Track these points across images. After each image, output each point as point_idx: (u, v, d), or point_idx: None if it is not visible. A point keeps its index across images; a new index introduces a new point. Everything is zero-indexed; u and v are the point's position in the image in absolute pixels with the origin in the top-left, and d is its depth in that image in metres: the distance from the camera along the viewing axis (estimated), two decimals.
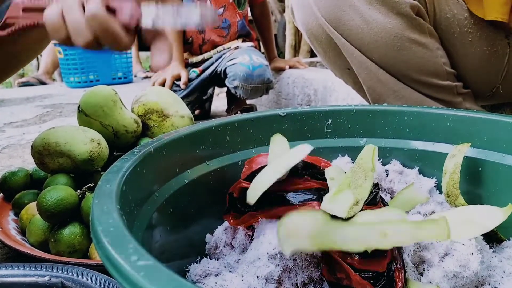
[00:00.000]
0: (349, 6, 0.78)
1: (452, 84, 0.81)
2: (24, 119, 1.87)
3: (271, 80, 1.66)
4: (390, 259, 0.40)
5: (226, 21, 1.75)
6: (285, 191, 0.44)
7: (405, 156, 0.59)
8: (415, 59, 0.79)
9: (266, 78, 1.63)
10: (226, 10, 1.74)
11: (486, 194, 0.53)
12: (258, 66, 1.62)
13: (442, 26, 0.81)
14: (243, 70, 1.60)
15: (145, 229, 0.40)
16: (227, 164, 0.55)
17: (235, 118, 0.57)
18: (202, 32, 1.76)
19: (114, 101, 0.77)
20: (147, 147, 0.44)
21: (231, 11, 1.73)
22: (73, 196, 0.63)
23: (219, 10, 1.74)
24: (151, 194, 0.44)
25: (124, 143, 0.80)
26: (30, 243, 0.67)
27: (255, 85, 1.61)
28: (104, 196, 0.33)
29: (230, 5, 1.72)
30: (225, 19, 1.75)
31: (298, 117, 0.60)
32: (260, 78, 1.61)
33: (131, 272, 0.24)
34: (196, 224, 0.51)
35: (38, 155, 0.70)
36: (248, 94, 1.63)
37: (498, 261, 0.44)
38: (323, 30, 0.84)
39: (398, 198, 0.53)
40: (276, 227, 0.43)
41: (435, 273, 0.41)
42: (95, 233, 0.28)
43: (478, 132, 0.54)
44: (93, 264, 0.57)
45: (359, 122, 0.61)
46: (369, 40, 0.79)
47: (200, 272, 0.44)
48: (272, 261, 0.40)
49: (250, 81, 1.60)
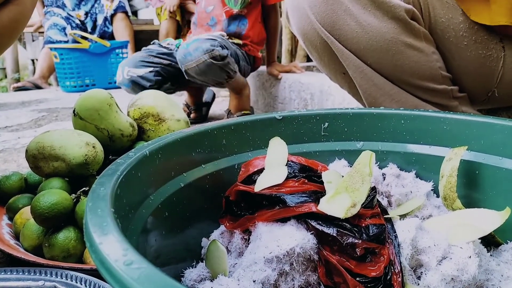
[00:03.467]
0: (344, 10, 0.78)
1: (448, 88, 0.82)
2: (20, 123, 1.86)
3: (216, 50, 1.50)
4: (388, 262, 0.40)
5: (213, 19, 1.76)
6: (282, 194, 0.44)
7: (402, 159, 0.59)
8: (410, 63, 0.79)
9: (206, 49, 1.49)
10: (215, 8, 1.74)
11: (483, 197, 0.53)
12: (192, 41, 1.54)
13: (438, 30, 0.81)
14: (180, 52, 1.55)
15: (140, 233, 0.39)
16: (223, 168, 0.55)
17: (232, 121, 0.56)
18: (195, 30, 1.77)
19: (110, 105, 0.76)
20: (142, 150, 0.44)
21: (218, 9, 1.74)
22: (67, 200, 0.63)
23: (209, 8, 1.75)
24: (146, 198, 0.43)
25: (120, 147, 0.79)
26: (24, 247, 0.66)
27: (196, 61, 1.51)
28: (98, 199, 0.33)
29: (219, 2, 1.73)
30: (212, 17, 1.75)
31: (295, 120, 0.60)
32: (198, 51, 1.49)
33: (125, 276, 0.23)
34: (192, 228, 0.51)
35: (33, 158, 0.69)
36: (199, 74, 1.53)
37: (496, 265, 0.44)
38: (318, 35, 0.84)
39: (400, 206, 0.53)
40: (273, 231, 0.42)
41: (432, 276, 0.40)
42: (89, 237, 0.28)
43: (475, 135, 0.54)
44: (88, 269, 0.56)
45: (355, 126, 0.61)
46: (364, 44, 0.79)
47: (195, 276, 0.44)
48: (269, 265, 0.40)
49: (189, 59, 1.52)
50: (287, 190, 0.45)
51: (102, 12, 3.26)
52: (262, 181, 0.47)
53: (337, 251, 0.41)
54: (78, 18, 3.22)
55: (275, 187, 0.45)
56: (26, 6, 0.68)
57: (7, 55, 3.73)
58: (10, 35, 0.71)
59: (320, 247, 0.41)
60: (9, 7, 0.58)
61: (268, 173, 0.48)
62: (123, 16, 3.28)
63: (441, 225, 0.45)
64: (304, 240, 0.41)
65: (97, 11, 3.26)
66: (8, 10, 0.49)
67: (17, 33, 0.73)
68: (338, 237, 0.40)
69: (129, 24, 3.30)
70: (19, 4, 0.65)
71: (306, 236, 0.41)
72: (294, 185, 0.46)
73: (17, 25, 0.70)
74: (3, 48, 0.74)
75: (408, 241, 0.42)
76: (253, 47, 1.80)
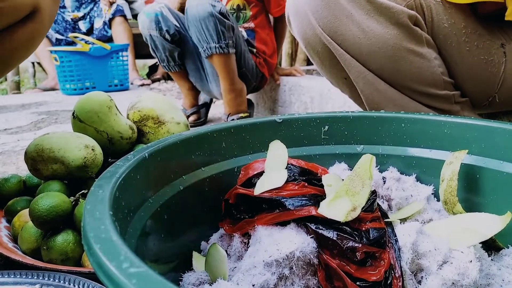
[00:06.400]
0: (346, 16, 0.78)
1: (450, 93, 0.82)
2: (19, 125, 1.86)
3: (220, 5, 1.54)
4: (388, 267, 0.40)
5: None
6: (282, 197, 0.44)
7: (402, 163, 0.59)
8: (412, 69, 0.79)
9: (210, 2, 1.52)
10: None
11: (484, 201, 0.53)
12: None
13: (440, 35, 0.81)
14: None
15: (138, 236, 0.39)
16: (223, 171, 0.54)
17: (231, 124, 0.56)
18: None
19: (109, 107, 0.76)
20: (141, 153, 0.43)
21: None
22: (66, 203, 0.63)
23: None
24: (145, 201, 0.43)
25: (119, 149, 0.79)
26: (22, 250, 0.66)
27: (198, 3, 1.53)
28: (97, 202, 0.32)
29: None
30: None
31: (295, 123, 0.60)
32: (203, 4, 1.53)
33: (123, 279, 0.23)
34: (191, 231, 0.50)
35: (32, 161, 0.69)
36: (197, 20, 1.55)
37: (497, 269, 0.44)
38: (320, 40, 0.84)
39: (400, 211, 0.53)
40: (272, 235, 0.42)
41: (433, 281, 0.40)
42: (86, 240, 0.28)
43: (476, 139, 0.53)
44: (86, 272, 0.56)
45: (356, 129, 0.61)
46: (366, 50, 0.79)
47: (194, 280, 0.43)
48: (268, 269, 0.40)
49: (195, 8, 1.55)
50: (287, 194, 0.45)
51: (101, 16, 3.27)
52: (262, 184, 0.47)
53: (337, 255, 0.40)
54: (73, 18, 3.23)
55: (275, 190, 0.45)
56: (44, 24, 0.68)
57: None
58: (26, 51, 0.71)
59: (320, 251, 0.41)
60: (27, 25, 0.58)
61: (268, 176, 0.48)
62: (122, 19, 3.28)
63: (441, 229, 0.45)
64: (304, 244, 0.40)
65: (96, 15, 3.27)
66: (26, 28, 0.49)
67: (33, 49, 0.74)
68: (338, 241, 0.40)
69: (128, 28, 3.30)
70: (38, 22, 0.66)
71: (306, 239, 0.41)
72: (294, 188, 0.46)
73: (34, 42, 0.71)
74: (16, 63, 0.74)
75: (408, 245, 0.42)
76: (264, 62, 1.80)
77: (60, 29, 3.22)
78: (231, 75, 1.65)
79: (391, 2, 0.76)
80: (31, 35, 0.66)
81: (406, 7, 0.78)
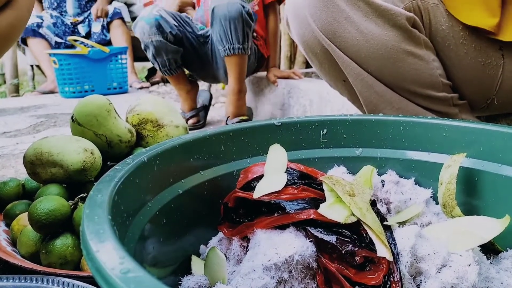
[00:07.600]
0: (345, 18, 0.78)
1: (448, 96, 0.82)
2: (18, 129, 1.86)
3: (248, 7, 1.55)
4: (387, 271, 0.40)
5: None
6: (281, 200, 0.44)
7: (401, 166, 0.59)
8: (411, 71, 0.79)
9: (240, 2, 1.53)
10: None
11: (482, 204, 0.53)
12: None
13: (438, 37, 0.81)
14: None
15: (137, 240, 0.39)
16: (222, 174, 0.54)
17: (230, 128, 0.56)
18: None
19: (108, 111, 0.76)
20: (140, 157, 0.44)
21: None
22: (65, 207, 0.62)
23: None
24: (144, 205, 0.43)
25: (118, 153, 0.79)
26: (21, 254, 0.66)
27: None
28: (95, 206, 0.32)
29: None
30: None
31: (294, 127, 0.60)
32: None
33: (121, 284, 0.23)
34: (190, 235, 0.50)
35: (31, 164, 0.69)
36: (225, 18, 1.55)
37: (495, 273, 0.44)
38: (319, 42, 0.84)
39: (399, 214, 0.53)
40: (271, 238, 0.42)
41: (432, 285, 0.40)
42: (85, 244, 0.28)
43: (474, 142, 0.53)
44: (85, 276, 0.56)
45: (354, 132, 0.61)
46: (365, 52, 0.79)
47: (192, 284, 0.43)
48: (267, 273, 0.40)
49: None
50: (286, 197, 0.45)
51: (99, 20, 3.28)
52: (261, 187, 0.47)
53: (336, 259, 0.40)
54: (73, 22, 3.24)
55: (274, 194, 0.45)
56: (22, 11, 0.68)
57: (6, 61, 3.72)
58: (8, 40, 0.71)
59: (319, 255, 0.41)
60: (6, 12, 0.58)
61: (267, 179, 0.48)
62: (120, 22, 3.29)
63: (440, 232, 0.45)
64: (303, 247, 0.40)
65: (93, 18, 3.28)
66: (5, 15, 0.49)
67: (15, 38, 0.74)
68: (338, 245, 0.40)
69: (126, 30, 3.31)
70: (16, 9, 0.66)
71: (305, 243, 0.41)
72: (293, 192, 0.46)
73: (14, 30, 0.71)
74: (0, 53, 0.74)
75: (407, 249, 0.42)
76: (264, 44, 1.81)
77: (59, 33, 3.22)
78: (242, 76, 1.67)
79: (390, 4, 0.77)
80: (11, 23, 0.65)
81: (404, 9, 0.78)
